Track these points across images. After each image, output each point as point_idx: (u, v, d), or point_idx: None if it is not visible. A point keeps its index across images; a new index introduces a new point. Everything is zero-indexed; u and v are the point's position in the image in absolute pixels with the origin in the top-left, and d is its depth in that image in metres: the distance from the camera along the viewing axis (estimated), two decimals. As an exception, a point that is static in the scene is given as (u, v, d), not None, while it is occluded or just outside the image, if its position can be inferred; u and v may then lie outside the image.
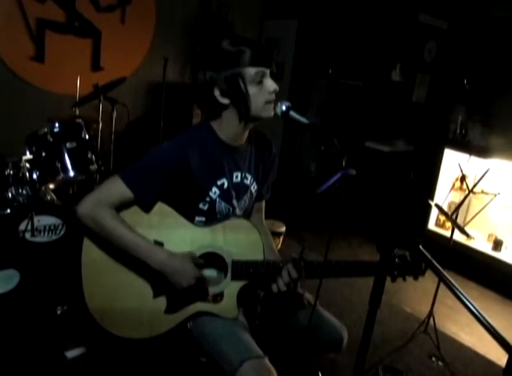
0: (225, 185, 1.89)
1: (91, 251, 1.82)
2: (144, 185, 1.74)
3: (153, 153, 1.79)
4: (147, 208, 1.80)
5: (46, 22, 4.97)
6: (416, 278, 1.79)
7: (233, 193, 1.92)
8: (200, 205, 1.87)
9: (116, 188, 1.73)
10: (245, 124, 1.81)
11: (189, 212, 1.86)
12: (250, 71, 1.71)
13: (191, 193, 1.84)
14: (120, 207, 1.76)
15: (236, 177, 1.93)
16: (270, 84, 1.75)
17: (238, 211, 1.96)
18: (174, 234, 1.83)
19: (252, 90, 1.73)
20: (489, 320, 1.14)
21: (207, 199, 1.87)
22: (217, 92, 1.74)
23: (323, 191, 1.48)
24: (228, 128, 1.83)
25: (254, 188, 2.02)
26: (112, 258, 1.82)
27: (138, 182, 1.73)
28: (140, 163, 1.76)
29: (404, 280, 1.79)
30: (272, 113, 1.78)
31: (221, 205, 1.90)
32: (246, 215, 2.04)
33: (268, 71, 1.76)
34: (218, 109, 1.79)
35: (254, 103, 1.75)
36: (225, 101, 1.75)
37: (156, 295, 1.83)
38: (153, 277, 1.80)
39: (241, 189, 1.96)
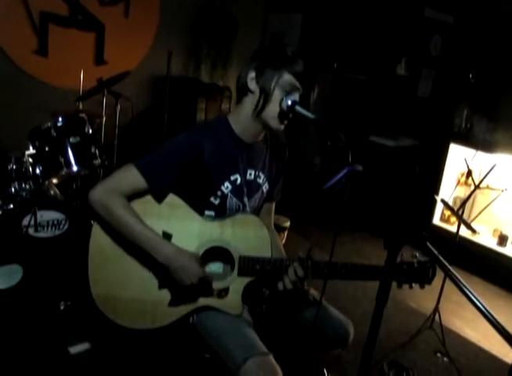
0: (238, 181, 1.89)
1: (99, 237, 1.83)
2: (158, 175, 1.74)
3: (169, 144, 1.80)
4: (160, 198, 1.81)
5: (49, 15, 4.95)
6: (422, 287, 1.78)
7: (245, 190, 1.93)
8: (212, 199, 1.87)
9: (130, 176, 1.74)
10: (255, 118, 1.81)
11: (199, 205, 1.87)
12: (287, 78, 1.73)
13: (203, 185, 1.85)
14: (133, 195, 1.77)
15: (250, 174, 1.94)
16: None
17: (248, 209, 1.96)
18: (183, 226, 1.83)
19: (277, 93, 1.74)
20: (495, 316, 1.13)
21: (219, 193, 1.87)
22: (251, 75, 1.77)
23: (330, 187, 1.46)
24: (242, 120, 1.85)
25: (265, 188, 2.03)
26: (120, 245, 1.82)
27: (152, 171, 1.74)
28: (155, 153, 1.77)
29: (410, 287, 1.78)
30: (281, 129, 1.82)
31: (233, 201, 1.91)
32: (255, 214, 2.03)
33: (300, 91, 1.76)
34: (244, 90, 1.81)
35: (270, 107, 1.76)
36: (252, 86, 1.78)
37: (161, 286, 1.83)
38: (159, 268, 1.80)
39: (253, 187, 1.97)
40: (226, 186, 1.87)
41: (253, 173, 1.94)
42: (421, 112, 5.81)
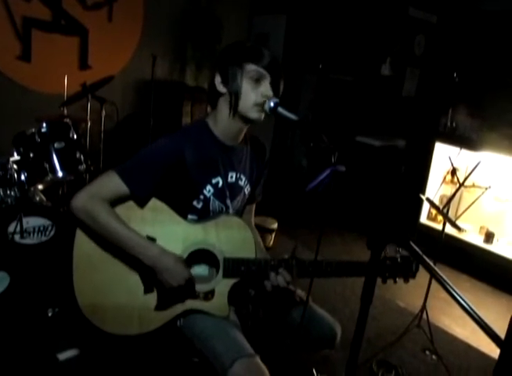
0: (220, 184, 1.90)
1: (83, 245, 1.81)
2: (140, 180, 1.74)
3: (150, 149, 1.80)
4: (142, 204, 1.80)
5: (32, 20, 4.93)
6: (406, 281, 1.81)
7: (227, 192, 1.93)
8: (194, 203, 1.87)
9: (112, 183, 1.73)
10: (233, 117, 1.81)
11: (182, 209, 1.86)
12: (251, 67, 1.74)
13: (185, 189, 1.84)
14: (115, 201, 1.76)
15: (231, 177, 1.94)
16: (265, 89, 1.75)
17: (231, 211, 1.97)
18: (167, 230, 1.82)
19: (246, 85, 1.75)
20: (480, 315, 1.13)
21: (201, 197, 1.87)
22: (218, 79, 1.80)
23: (312, 188, 1.47)
24: (221, 122, 1.85)
25: (247, 189, 2.03)
26: (104, 252, 1.81)
27: (133, 177, 1.73)
28: (136, 158, 1.77)
29: (395, 282, 1.80)
30: (261, 118, 1.79)
31: (215, 204, 1.91)
32: (238, 215, 2.03)
33: (268, 77, 1.76)
34: (215, 95, 1.83)
35: (244, 99, 1.75)
36: (222, 89, 1.79)
37: (146, 291, 1.82)
38: (144, 273, 1.80)
39: (235, 189, 1.97)
40: (208, 190, 1.87)
41: (234, 176, 1.95)
42: (407, 111, 5.84)
